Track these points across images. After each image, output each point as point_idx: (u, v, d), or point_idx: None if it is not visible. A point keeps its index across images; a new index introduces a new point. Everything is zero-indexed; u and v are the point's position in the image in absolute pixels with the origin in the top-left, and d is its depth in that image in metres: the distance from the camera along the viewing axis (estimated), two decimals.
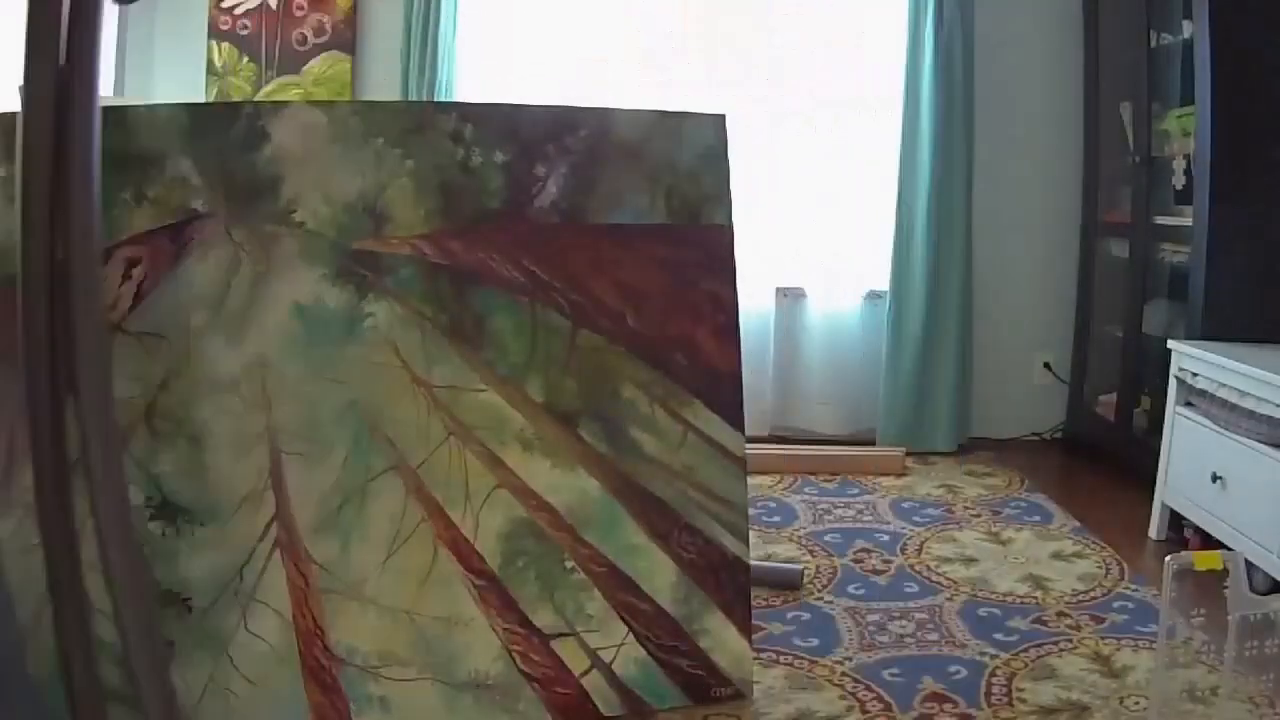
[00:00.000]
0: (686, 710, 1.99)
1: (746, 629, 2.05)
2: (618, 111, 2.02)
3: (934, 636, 2.34)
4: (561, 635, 1.93)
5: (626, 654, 1.96)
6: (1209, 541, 2.74)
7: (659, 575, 1.98)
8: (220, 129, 1.80)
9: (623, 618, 1.96)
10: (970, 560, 2.82)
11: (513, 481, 1.92)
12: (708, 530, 2.02)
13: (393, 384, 1.87)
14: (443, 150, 1.89)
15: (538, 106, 2.01)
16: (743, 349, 2.07)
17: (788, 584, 2.61)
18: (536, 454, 1.93)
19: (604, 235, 1.97)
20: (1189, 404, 2.95)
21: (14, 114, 1.82)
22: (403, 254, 1.88)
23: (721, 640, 2.02)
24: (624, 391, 1.97)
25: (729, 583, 2.03)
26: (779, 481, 3.53)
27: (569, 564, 1.94)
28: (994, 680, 2.13)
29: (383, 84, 4.09)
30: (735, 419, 2.03)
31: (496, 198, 1.91)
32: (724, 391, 2.03)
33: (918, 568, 2.77)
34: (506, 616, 1.91)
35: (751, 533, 2.99)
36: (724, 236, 2.04)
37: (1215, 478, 2.73)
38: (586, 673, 1.94)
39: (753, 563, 2.88)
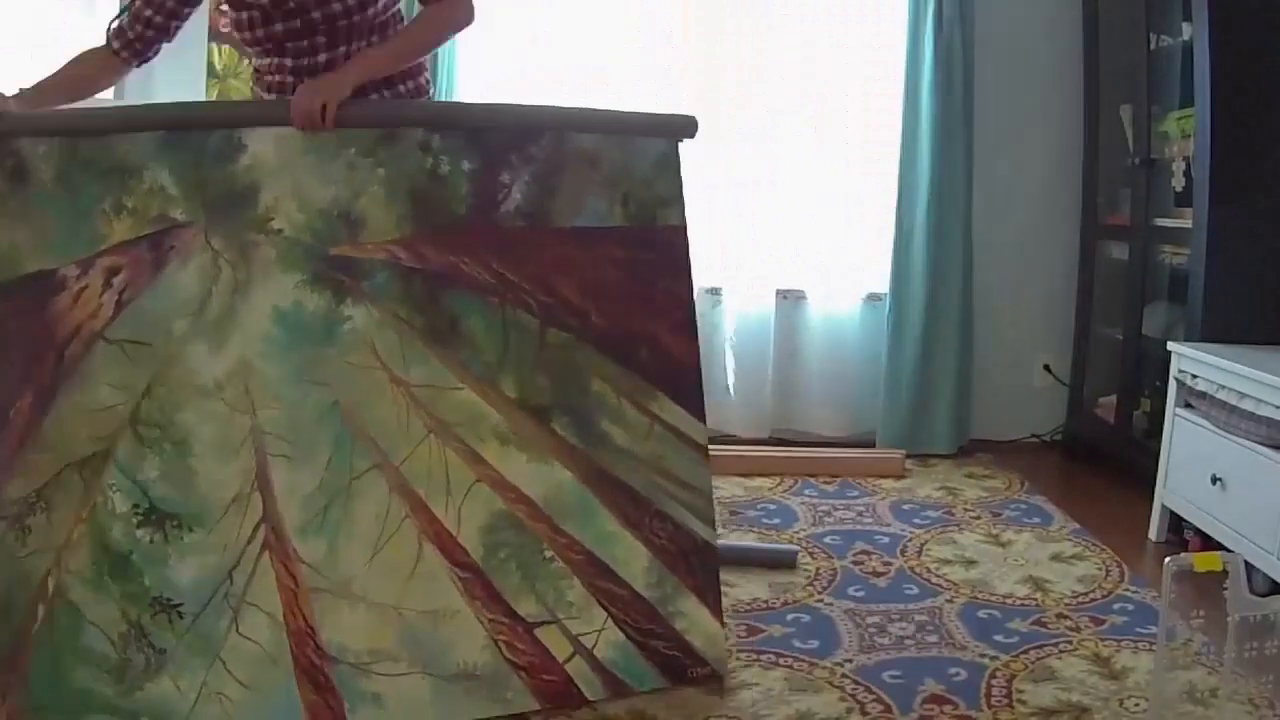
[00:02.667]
0: (666, 693, 2.02)
1: (718, 610, 2.10)
2: (576, 115, 2.11)
3: (934, 638, 2.34)
4: (544, 623, 1.97)
5: (606, 638, 2.01)
6: (1209, 543, 2.73)
7: (633, 561, 2.03)
8: (197, 140, 1.83)
9: (601, 603, 2.01)
10: (970, 562, 2.81)
11: (491, 475, 1.96)
12: (676, 516, 2.07)
13: (373, 385, 1.91)
14: (412, 159, 1.94)
15: (503, 110, 2.09)
16: (743, 351, 2.08)
17: (782, 563, 2.61)
18: (513, 448, 1.97)
19: (568, 238, 2.02)
20: (1189, 406, 2.94)
21: None
22: (378, 259, 1.92)
23: (695, 622, 2.07)
24: (592, 386, 2.03)
25: (700, 567, 2.08)
26: (779, 483, 3.52)
27: (548, 553, 1.98)
28: (994, 682, 2.12)
29: None
30: (697, 409, 2.10)
31: (465, 204, 1.97)
32: (685, 383, 2.09)
33: (918, 570, 2.76)
34: (491, 607, 1.94)
35: (751, 535, 3.00)
36: (679, 237, 2.10)
37: (1215, 479, 2.72)
38: (570, 659, 1.98)
39: (747, 543, 2.90)
